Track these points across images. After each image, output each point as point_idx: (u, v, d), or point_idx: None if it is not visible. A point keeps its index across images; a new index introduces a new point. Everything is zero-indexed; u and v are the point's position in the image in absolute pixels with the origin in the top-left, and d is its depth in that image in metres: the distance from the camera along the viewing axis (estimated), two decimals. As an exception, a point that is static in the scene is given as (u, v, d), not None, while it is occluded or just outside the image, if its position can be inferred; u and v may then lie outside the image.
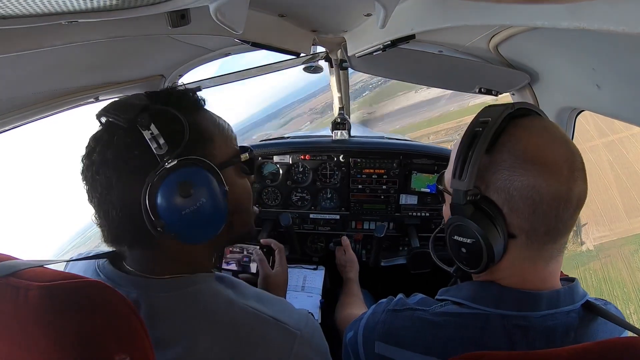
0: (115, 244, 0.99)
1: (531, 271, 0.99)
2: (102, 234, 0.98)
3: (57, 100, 1.43)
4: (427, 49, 1.84)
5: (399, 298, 1.17)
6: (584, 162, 0.92)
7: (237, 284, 1.08)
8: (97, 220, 0.97)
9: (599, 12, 0.63)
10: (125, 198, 0.91)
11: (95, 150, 0.92)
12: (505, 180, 0.92)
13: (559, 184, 0.88)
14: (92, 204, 0.95)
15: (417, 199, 2.72)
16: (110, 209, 0.92)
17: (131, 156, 0.91)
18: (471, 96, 33.57)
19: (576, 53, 1.22)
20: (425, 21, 1.20)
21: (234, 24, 0.99)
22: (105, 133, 0.94)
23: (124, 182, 0.91)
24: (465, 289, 1.07)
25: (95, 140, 0.95)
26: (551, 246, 0.96)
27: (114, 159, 0.90)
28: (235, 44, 1.93)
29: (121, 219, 0.93)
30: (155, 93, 1.01)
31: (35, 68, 1.19)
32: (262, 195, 2.81)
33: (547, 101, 1.67)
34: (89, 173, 0.93)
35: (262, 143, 2.92)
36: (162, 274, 0.98)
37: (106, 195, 0.92)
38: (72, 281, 0.76)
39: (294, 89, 44.93)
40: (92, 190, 0.94)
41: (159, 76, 1.97)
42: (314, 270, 2.46)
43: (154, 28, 1.12)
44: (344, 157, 2.70)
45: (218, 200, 0.97)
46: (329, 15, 1.67)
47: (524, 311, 0.96)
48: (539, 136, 0.93)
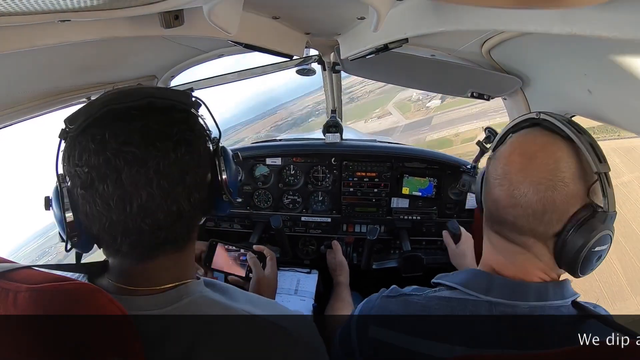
0: (143, 255, 0.89)
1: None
2: (121, 250, 0.86)
3: (48, 100, 1.42)
4: (419, 53, 1.85)
5: (392, 287, 1.21)
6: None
7: (227, 289, 1.06)
8: (122, 231, 0.84)
9: (591, 18, 0.64)
10: (195, 184, 0.90)
11: (152, 128, 0.84)
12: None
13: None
14: (124, 203, 0.82)
15: (408, 202, 2.72)
16: (165, 205, 0.84)
17: (196, 135, 0.92)
18: (431, 131, 33.47)
19: (568, 58, 1.24)
20: (418, 25, 1.20)
21: (228, 26, 1.00)
22: (165, 112, 0.89)
23: (196, 165, 0.90)
24: (461, 274, 1.12)
25: (150, 119, 0.85)
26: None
27: (184, 140, 0.87)
28: (228, 46, 1.93)
29: (171, 216, 0.86)
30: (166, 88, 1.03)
31: (27, 67, 1.18)
32: (254, 198, 2.80)
33: (538, 106, 1.68)
34: (139, 158, 0.81)
35: (253, 145, 2.91)
36: (152, 285, 0.91)
37: (171, 186, 0.85)
38: (62, 284, 0.75)
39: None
40: (131, 185, 0.81)
41: (151, 77, 1.97)
42: (308, 274, 2.45)
43: (147, 28, 1.11)
44: (336, 160, 2.70)
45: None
46: (322, 18, 1.68)
47: (512, 300, 0.99)
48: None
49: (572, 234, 0.94)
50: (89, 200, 0.82)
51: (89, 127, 0.83)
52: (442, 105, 37.89)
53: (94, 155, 0.81)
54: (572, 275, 1.01)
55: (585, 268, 0.97)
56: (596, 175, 0.94)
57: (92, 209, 0.83)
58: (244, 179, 2.71)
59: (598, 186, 0.95)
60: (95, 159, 0.80)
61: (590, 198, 0.95)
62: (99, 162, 0.80)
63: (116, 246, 0.86)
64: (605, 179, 0.94)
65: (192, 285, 0.96)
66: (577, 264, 0.96)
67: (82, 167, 0.82)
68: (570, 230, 0.94)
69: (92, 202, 0.82)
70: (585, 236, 0.93)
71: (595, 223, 0.93)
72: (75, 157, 0.82)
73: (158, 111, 0.88)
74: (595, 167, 0.94)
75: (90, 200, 0.82)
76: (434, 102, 38.84)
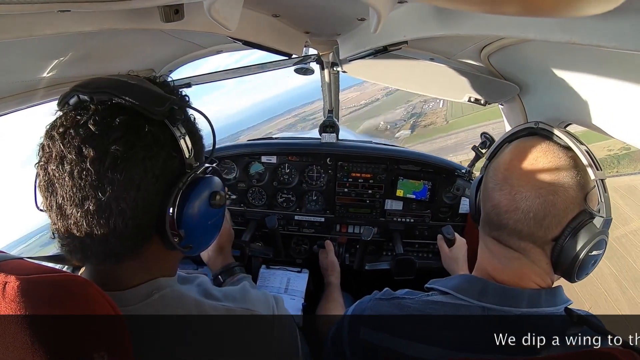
0: (99, 260, 0.84)
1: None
2: (75, 249, 0.82)
3: (43, 90, 1.41)
4: (418, 56, 1.85)
5: (385, 290, 1.21)
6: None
7: (193, 279, 1.04)
8: (78, 230, 0.80)
9: (591, 28, 0.64)
10: (144, 203, 0.81)
11: (115, 140, 0.77)
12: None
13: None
14: (79, 207, 0.78)
15: (402, 204, 2.73)
16: (116, 215, 0.78)
17: (161, 155, 0.82)
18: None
19: (566, 67, 1.24)
20: (418, 29, 1.20)
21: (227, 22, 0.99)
22: (130, 122, 0.80)
23: (147, 184, 0.80)
24: (455, 279, 1.12)
25: (110, 127, 0.78)
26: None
27: (143, 156, 0.79)
28: (227, 42, 1.92)
29: (128, 228, 0.80)
30: (160, 82, 0.93)
31: (24, 56, 1.17)
32: (248, 195, 2.79)
33: (535, 113, 1.69)
34: (98, 167, 0.76)
35: (249, 142, 2.90)
36: (124, 285, 0.89)
37: (118, 197, 0.78)
38: (52, 275, 0.74)
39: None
40: (91, 188, 0.77)
41: (149, 70, 1.96)
42: (299, 273, 2.46)
43: (147, 22, 1.10)
44: (331, 160, 2.70)
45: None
46: (322, 17, 1.68)
47: (504, 306, 1.01)
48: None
49: (570, 239, 0.96)
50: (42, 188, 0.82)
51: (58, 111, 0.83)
52: (412, 136, 37.15)
53: (45, 139, 0.80)
54: (568, 280, 1.03)
55: (582, 272, 1.00)
56: (594, 182, 0.97)
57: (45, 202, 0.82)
58: (239, 176, 2.71)
59: (595, 193, 0.98)
60: (45, 140, 0.81)
61: (587, 204, 0.98)
62: (43, 146, 0.81)
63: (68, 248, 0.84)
64: (602, 186, 0.97)
65: (163, 281, 0.92)
66: (575, 268, 0.98)
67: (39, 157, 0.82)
68: (568, 235, 0.97)
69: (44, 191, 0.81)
70: (583, 241, 0.96)
71: (593, 228, 0.96)
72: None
73: (110, 112, 0.80)
74: (594, 174, 0.97)
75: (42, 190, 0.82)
76: (404, 133, 37.93)
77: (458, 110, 54.19)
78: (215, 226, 0.96)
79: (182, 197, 0.84)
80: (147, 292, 0.90)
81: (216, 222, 0.96)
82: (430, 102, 68.40)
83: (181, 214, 0.84)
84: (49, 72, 1.33)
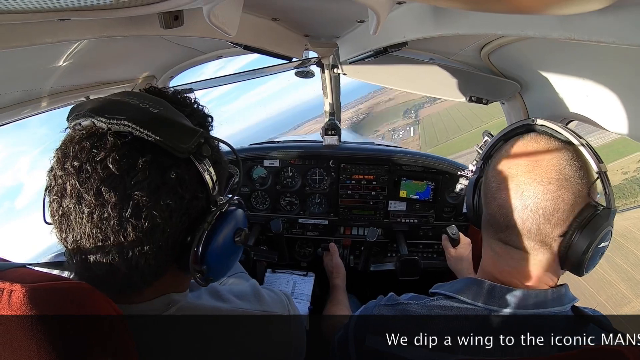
0: (116, 290, 0.81)
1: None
2: (92, 280, 0.77)
3: (46, 99, 1.42)
4: (418, 57, 1.85)
5: (390, 295, 1.20)
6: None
7: (208, 287, 1.00)
8: (97, 267, 0.77)
9: (590, 25, 0.64)
10: (166, 244, 0.78)
11: (138, 184, 0.73)
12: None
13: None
14: (99, 249, 0.75)
15: (405, 205, 2.72)
16: (138, 255, 0.76)
17: (186, 197, 0.78)
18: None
19: (566, 63, 1.24)
20: (417, 29, 1.21)
21: (227, 27, 0.99)
22: (154, 163, 0.75)
23: (170, 226, 0.77)
24: (459, 283, 1.11)
25: (132, 169, 0.73)
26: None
27: (167, 200, 0.76)
28: (227, 47, 1.93)
29: (150, 267, 0.78)
30: (182, 101, 0.89)
31: (26, 65, 1.18)
32: (251, 199, 2.79)
33: (537, 110, 1.69)
34: (119, 212, 0.73)
35: (252, 146, 2.90)
36: (133, 300, 0.86)
37: (141, 240, 0.75)
38: (57, 282, 0.74)
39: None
40: (112, 232, 0.74)
41: (150, 77, 1.96)
42: (304, 276, 2.45)
43: (146, 28, 1.11)
44: (334, 162, 2.70)
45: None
46: (322, 20, 1.68)
47: (511, 308, 1.00)
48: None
49: (578, 233, 0.96)
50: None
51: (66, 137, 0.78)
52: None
53: (57, 167, 0.76)
54: (577, 274, 1.02)
55: (590, 265, 1.00)
56: (597, 175, 0.98)
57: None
58: (242, 180, 2.71)
59: (598, 185, 0.98)
60: (57, 169, 0.76)
61: (591, 197, 0.98)
62: (55, 175, 0.76)
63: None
64: (605, 178, 0.98)
65: (175, 295, 0.90)
66: (585, 262, 0.98)
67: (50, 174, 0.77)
68: (576, 230, 0.96)
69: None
70: (591, 234, 0.95)
71: (599, 220, 0.96)
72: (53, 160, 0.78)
73: (131, 151, 0.74)
74: (596, 166, 0.98)
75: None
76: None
77: (433, 138, 52.57)
78: (236, 259, 0.95)
79: (207, 236, 0.82)
80: (163, 305, 0.88)
81: (237, 257, 0.95)
82: (400, 131, 65.68)
83: (205, 252, 0.82)
84: (50, 80, 1.34)
